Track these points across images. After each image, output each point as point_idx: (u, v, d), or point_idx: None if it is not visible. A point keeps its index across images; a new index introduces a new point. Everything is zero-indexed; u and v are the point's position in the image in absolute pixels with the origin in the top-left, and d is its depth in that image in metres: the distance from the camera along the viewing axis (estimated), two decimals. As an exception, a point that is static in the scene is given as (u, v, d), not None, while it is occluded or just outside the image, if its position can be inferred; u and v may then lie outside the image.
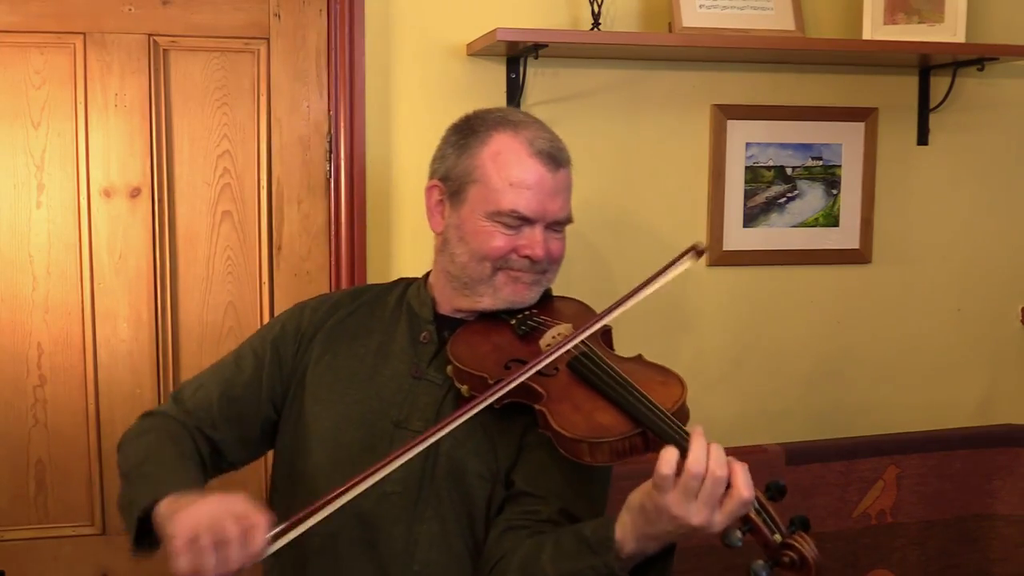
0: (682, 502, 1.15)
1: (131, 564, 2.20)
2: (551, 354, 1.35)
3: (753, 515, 1.17)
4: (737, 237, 2.40)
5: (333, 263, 2.21)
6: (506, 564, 1.36)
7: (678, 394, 1.32)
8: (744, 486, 1.15)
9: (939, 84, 2.45)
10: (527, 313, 1.52)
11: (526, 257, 1.48)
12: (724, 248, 2.39)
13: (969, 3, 2.30)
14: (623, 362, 1.43)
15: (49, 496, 2.18)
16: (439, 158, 1.57)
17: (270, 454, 1.64)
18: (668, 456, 1.16)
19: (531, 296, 1.52)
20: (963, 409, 2.58)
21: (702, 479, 1.15)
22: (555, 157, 1.49)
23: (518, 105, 2.21)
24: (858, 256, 2.48)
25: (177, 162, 2.16)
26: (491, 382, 1.38)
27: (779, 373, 2.47)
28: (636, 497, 1.21)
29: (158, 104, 2.14)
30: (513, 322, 1.51)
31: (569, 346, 1.37)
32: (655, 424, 1.24)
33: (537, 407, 1.33)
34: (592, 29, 2.15)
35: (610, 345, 1.54)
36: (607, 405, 1.30)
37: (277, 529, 1.22)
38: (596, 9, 2.14)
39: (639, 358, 1.46)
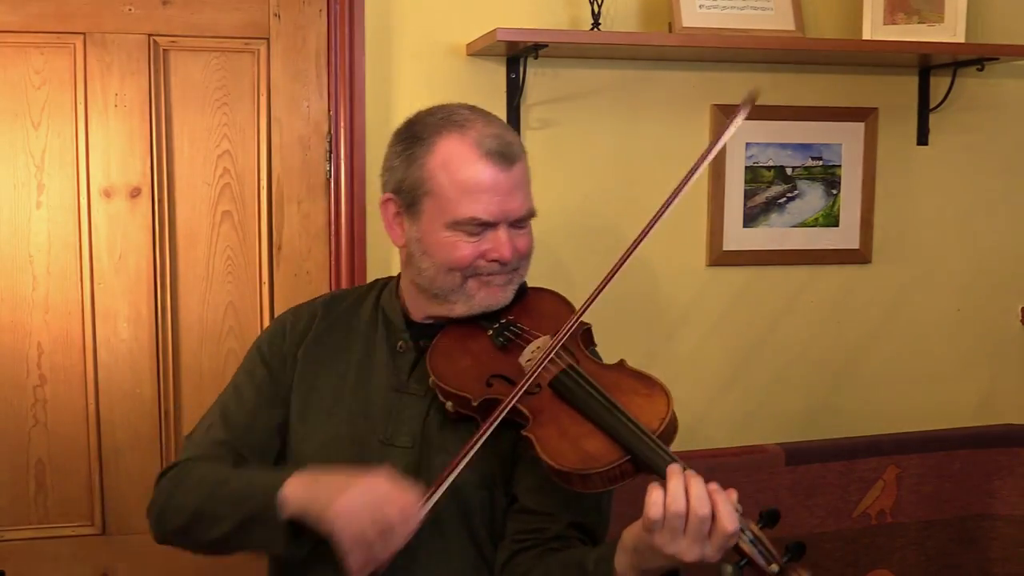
0: (671, 541, 1.15)
1: (131, 564, 2.20)
2: (529, 378, 1.32)
3: (747, 547, 1.16)
4: (737, 237, 2.40)
5: (333, 263, 2.21)
6: None
7: (664, 411, 1.29)
8: (727, 520, 1.14)
9: (939, 84, 2.45)
10: (504, 322, 1.48)
11: (494, 261, 1.44)
12: (724, 248, 2.39)
13: (969, 3, 2.30)
14: (605, 373, 1.39)
15: (49, 496, 2.18)
16: (388, 169, 1.50)
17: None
18: (655, 498, 1.15)
19: (505, 297, 1.48)
20: (963, 409, 2.58)
21: (685, 517, 1.14)
22: (506, 154, 1.42)
23: (518, 105, 2.21)
24: (858, 256, 2.48)
25: (177, 162, 2.16)
26: (474, 404, 1.37)
27: (779, 373, 2.47)
28: (629, 539, 1.21)
29: (158, 104, 2.14)
30: (490, 332, 1.47)
31: (545, 362, 1.34)
32: (643, 452, 1.23)
33: (524, 432, 1.31)
34: (592, 29, 2.15)
35: (591, 342, 1.51)
36: (593, 430, 1.28)
37: (425, 497, 1.28)
38: (596, 9, 2.13)
39: (621, 365, 1.42)
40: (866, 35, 2.31)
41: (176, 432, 2.20)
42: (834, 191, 2.45)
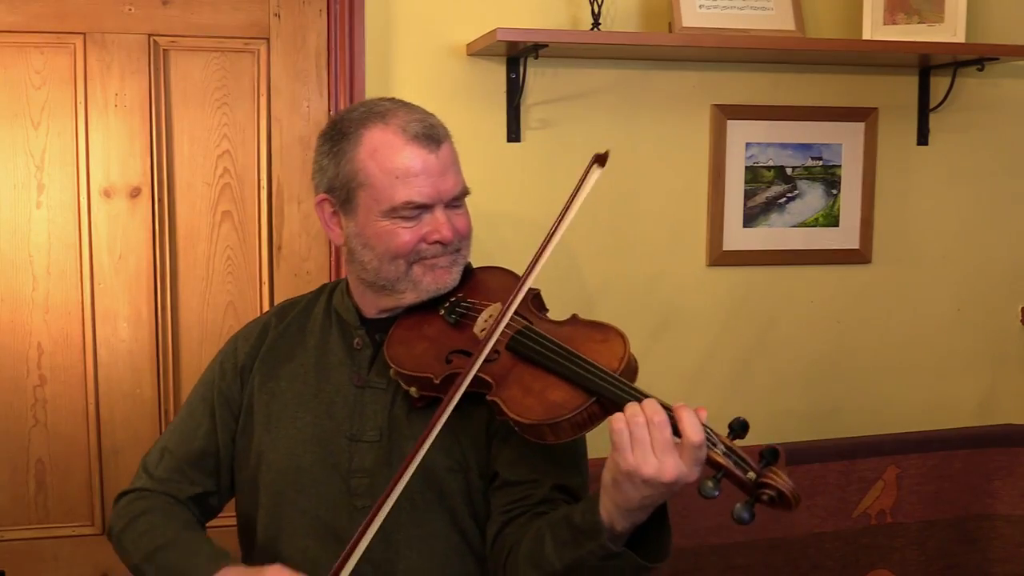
0: (643, 460, 1.16)
1: (131, 564, 2.21)
2: (487, 342, 1.33)
3: (721, 459, 1.18)
4: (737, 237, 2.40)
5: (333, 263, 2.21)
6: (515, 559, 1.36)
7: (621, 350, 1.31)
8: (692, 430, 1.16)
9: (939, 84, 2.45)
10: (454, 299, 1.50)
11: (436, 242, 1.46)
12: (724, 248, 2.39)
13: (969, 3, 2.30)
14: (560, 328, 1.41)
15: (49, 496, 2.18)
16: (318, 170, 1.51)
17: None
18: (616, 416, 1.18)
19: (452, 279, 1.49)
20: (963, 409, 2.58)
21: (646, 426, 1.16)
22: (432, 136, 1.45)
23: (518, 105, 2.22)
24: (858, 256, 2.48)
25: (177, 162, 2.16)
26: (437, 382, 1.38)
27: (779, 373, 2.47)
28: (607, 474, 1.22)
29: (158, 104, 2.14)
30: (442, 312, 1.49)
31: (502, 327, 1.34)
32: (607, 390, 1.24)
33: (489, 398, 1.32)
34: (592, 29, 2.15)
35: (542, 308, 1.52)
36: (556, 380, 1.29)
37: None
38: (596, 9, 2.14)
39: (574, 319, 1.44)
40: (866, 35, 2.31)
41: (176, 432, 2.20)
42: (834, 191, 2.45)
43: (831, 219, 2.46)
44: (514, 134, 2.23)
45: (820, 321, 2.49)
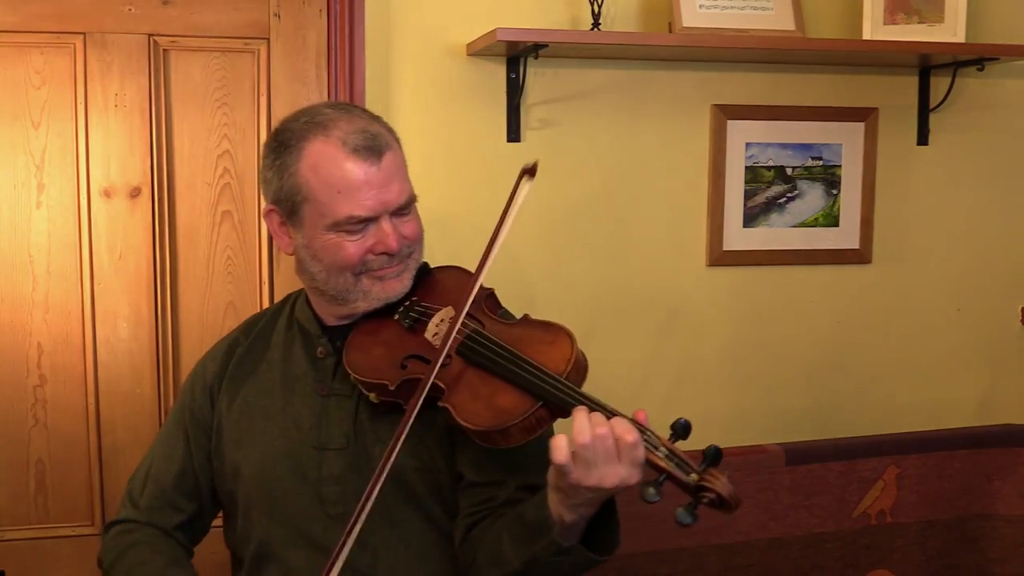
0: (587, 473, 1.17)
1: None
2: (442, 352, 1.34)
3: (662, 461, 1.18)
4: (737, 237, 2.40)
5: (333, 263, 2.21)
6: (478, 562, 1.37)
7: (568, 352, 1.31)
8: (624, 431, 1.16)
9: (939, 84, 2.45)
10: (409, 303, 1.50)
11: (383, 253, 1.45)
12: (724, 248, 2.39)
13: (969, 3, 2.30)
14: (510, 330, 1.42)
15: (49, 496, 2.18)
16: (264, 181, 1.50)
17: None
18: (559, 444, 1.18)
19: (402, 286, 1.49)
20: (963, 409, 2.58)
21: (592, 447, 1.16)
22: (373, 148, 1.42)
23: (518, 105, 2.21)
24: (858, 256, 2.48)
25: (177, 162, 2.16)
26: (392, 388, 1.39)
27: (779, 373, 2.47)
28: (551, 477, 1.23)
29: (158, 104, 2.14)
30: (396, 316, 1.49)
31: (453, 335, 1.35)
32: (552, 395, 1.26)
33: (440, 404, 1.33)
34: (592, 29, 2.15)
35: (497, 308, 1.52)
36: (504, 385, 1.31)
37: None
38: (596, 9, 2.14)
39: (525, 319, 1.45)
40: (866, 35, 2.31)
41: (176, 432, 2.20)
42: (834, 191, 2.45)
43: (831, 219, 2.46)
44: (514, 134, 2.23)
45: (820, 321, 2.49)
